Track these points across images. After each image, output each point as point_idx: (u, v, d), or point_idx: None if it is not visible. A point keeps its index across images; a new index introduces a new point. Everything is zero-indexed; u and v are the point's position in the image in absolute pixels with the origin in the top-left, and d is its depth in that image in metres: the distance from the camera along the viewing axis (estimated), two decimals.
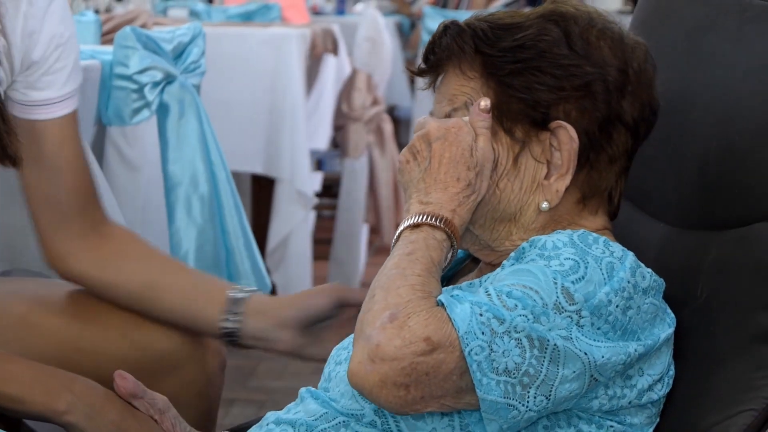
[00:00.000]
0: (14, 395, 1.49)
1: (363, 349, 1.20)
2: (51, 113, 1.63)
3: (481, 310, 1.22)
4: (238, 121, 3.81)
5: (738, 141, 1.45)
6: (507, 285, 1.25)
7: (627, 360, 1.29)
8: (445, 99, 1.43)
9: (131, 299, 1.70)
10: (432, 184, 1.34)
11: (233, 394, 3.44)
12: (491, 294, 1.24)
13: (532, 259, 1.30)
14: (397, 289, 1.24)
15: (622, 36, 1.42)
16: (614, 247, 1.34)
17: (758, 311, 1.39)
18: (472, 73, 1.40)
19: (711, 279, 1.45)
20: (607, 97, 1.40)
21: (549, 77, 1.38)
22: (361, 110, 4.37)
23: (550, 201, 1.40)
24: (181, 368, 1.69)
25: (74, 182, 1.67)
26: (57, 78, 1.62)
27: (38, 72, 1.60)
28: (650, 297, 1.34)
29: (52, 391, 1.50)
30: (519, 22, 1.40)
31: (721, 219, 1.46)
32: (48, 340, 1.66)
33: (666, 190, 1.54)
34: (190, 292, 1.70)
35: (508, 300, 1.23)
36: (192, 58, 2.60)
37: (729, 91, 1.48)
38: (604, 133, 1.40)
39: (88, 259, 1.69)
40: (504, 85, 1.39)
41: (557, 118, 1.38)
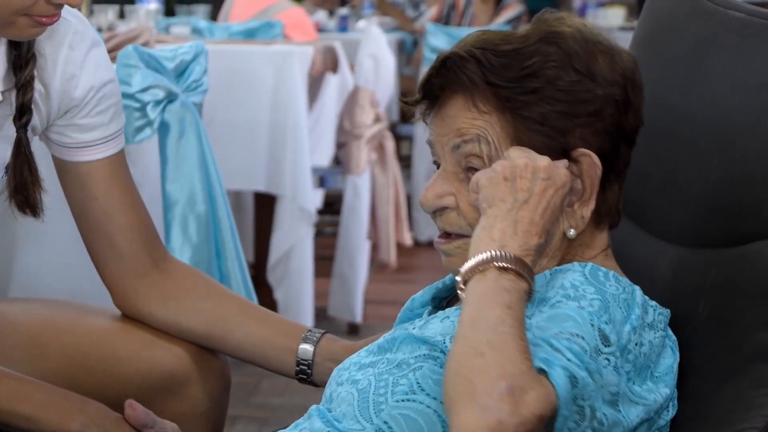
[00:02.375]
0: (28, 415, 1.50)
1: (481, 421, 1.14)
2: (96, 154, 1.63)
3: (570, 374, 1.21)
4: (240, 138, 3.81)
5: (739, 158, 1.45)
6: (555, 335, 1.24)
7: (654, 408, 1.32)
8: (451, 131, 1.41)
9: (199, 337, 1.71)
10: (523, 224, 1.29)
11: (236, 411, 3.44)
12: (560, 349, 1.22)
13: (558, 300, 1.30)
14: (509, 353, 1.17)
15: (612, 47, 1.42)
16: (623, 282, 1.36)
17: (759, 329, 1.39)
18: (486, 107, 1.38)
19: (712, 297, 1.45)
20: (617, 116, 1.41)
21: (563, 105, 1.37)
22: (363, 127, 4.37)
23: (575, 227, 1.41)
24: (186, 388, 1.69)
25: (128, 221, 1.67)
26: (100, 120, 1.62)
27: (80, 114, 1.61)
28: (659, 331, 1.36)
29: (65, 411, 1.51)
30: (520, 48, 1.39)
31: (722, 237, 1.46)
32: (56, 361, 1.66)
33: (666, 208, 1.54)
34: (261, 332, 1.71)
35: (568, 354, 1.23)
36: (194, 76, 2.60)
37: (731, 108, 1.48)
38: (614, 151, 1.42)
39: (154, 298, 1.70)
40: (520, 117, 1.37)
41: (576, 145, 1.38)
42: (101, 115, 1.62)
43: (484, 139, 1.38)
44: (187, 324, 1.69)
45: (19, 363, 1.62)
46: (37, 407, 1.50)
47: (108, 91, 1.63)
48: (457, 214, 1.41)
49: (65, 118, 1.61)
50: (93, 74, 1.60)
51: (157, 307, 1.69)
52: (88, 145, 1.62)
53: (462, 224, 1.41)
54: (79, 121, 1.61)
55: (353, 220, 4.40)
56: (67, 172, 1.64)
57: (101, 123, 1.62)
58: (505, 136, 1.38)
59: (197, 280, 1.74)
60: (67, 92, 1.59)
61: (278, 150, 3.84)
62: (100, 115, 1.62)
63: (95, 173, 1.64)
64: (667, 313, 1.40)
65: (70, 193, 1.66)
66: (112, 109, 1.64)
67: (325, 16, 7.00)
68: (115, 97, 1.66)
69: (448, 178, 1.42)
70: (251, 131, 3.84)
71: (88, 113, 1.61)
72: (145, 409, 1.52)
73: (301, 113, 3.87)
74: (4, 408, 1.50)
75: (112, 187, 1.65)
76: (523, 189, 1.31)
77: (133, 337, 1.75)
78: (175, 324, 1.69)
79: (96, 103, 1.62)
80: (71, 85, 1.58)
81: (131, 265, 1.68)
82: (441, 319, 1.43)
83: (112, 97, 1.64)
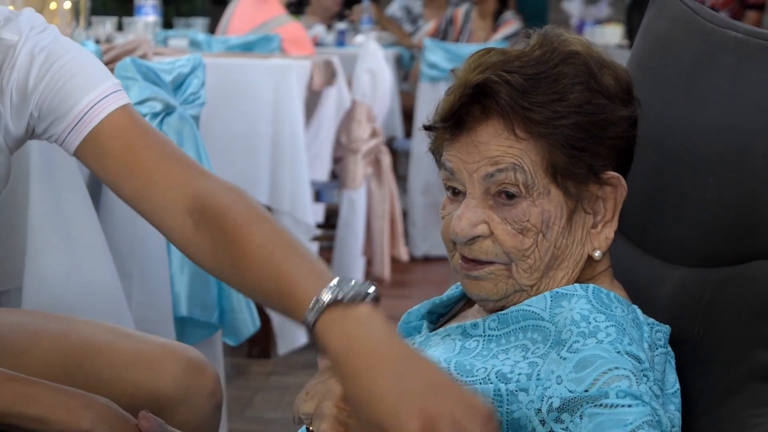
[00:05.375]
0: (37, 416, 1.49)
1: None
2: (94, 119, 1.54)
3: (646, 431, 1.22)
4: (238, 151, 3.81)
5: (735, 178, 1.45)
6: (593, 383, 1.26)
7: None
8: (482, 158, 1.38)
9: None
10: None
11: (230, 425, 3.43)
12: (614, 404, 1.23)
13: (576, 341, 1.31)
14: None
15: (610, 61, 1.43)
16: (623, 302, 1.37)
17: (755, 349, 1.39)
18: (524, 133, 1.37)
19: (708, 316, 1.44)
20: (633, 134, 1.43)
21: (593, 128, 1.38)
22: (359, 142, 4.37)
23: (600, 248, 1.42)
24: (172, 409, 1.68)
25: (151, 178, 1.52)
26: (71, 94, 1.54)
27: (46, 101, 1.54)
28: (660, 348, 1.38)
29: (74, 410, 1.50)
30: (544, 71, 1.38)
31: (719, 256, 1.46)
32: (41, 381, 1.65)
33: (663, 227, 1.54)
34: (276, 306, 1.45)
35: (624, 399, 1.24)
36: (192, 89, 2.61)
37: (728, 128, 1.48)
38: (627, 169, 1.44)
39: (206, 256, 1.49)
40: (554, 142, 1.37)
41: (604, 167, 1.39)
42: (70, 91, 1.54)
43: (520, 168, 1.37)
44: (243, 291, 1.50)
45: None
46: (45, 408, 1.50)
47: (58, 63, 1.55)
48: (492, 242, 1.40)
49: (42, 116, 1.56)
50: (27, 67, 1.53)
51: (216, 272, 1.50)
52: (78, 120, 1.54)
53: (498, 252, 1.40)
54: (53, 108, 1.54)
55: (349, 235, 4.40)
56: (87, 153, 1.56)
57: (72, 96, 1.54)
58: (540, 162, 1.37)
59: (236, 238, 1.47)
60: (22, 97, 1.55)
61: (276, 163, 3.84)
62: (66, 91, 1.54)
63: (103, 135, 1.53)
64: (666, 330, 1.41)
65: (104, 179, 1.57)
66: (77, 78, 1.55)
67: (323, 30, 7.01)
68: (77, 67, 1.56)
69: (478, 205, 1.40)
70: (249, 144, 3.84)
71: (51, 96, 1.54)
72: (158, 420, 1.52)
73: (298, 127, 3.88)
74: (13, 411, 1.49)
75: (128, 142, 1.54)
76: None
77: (118, 355, 1.73)
78: (234, 287, 1.51)
79: (52, 83, 1.54)
80: (21, 88, 1.54)
81: (173, 232, 1.51)
82: (442, 337, 1.44)
83: (70, 68, 1.55)
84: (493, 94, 1.37)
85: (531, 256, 1.39)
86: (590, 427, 1.22)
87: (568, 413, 1.25)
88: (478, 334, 1.40)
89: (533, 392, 1.29)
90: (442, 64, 5.69)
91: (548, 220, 1.38)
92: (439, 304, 1.56)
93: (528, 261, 1.39)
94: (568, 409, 1.25)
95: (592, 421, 1.22)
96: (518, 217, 1.38)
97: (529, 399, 1.29)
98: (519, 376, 1.31)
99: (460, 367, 1.34)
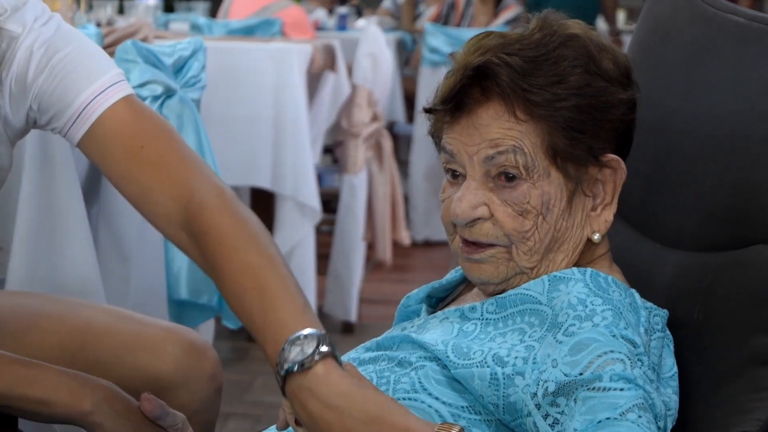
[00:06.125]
0: (39, 398, 1.49)
1: None
2: (94, 112, 1.53)
3: (637, 414, 1.22)
4: (239, 135, 3.80)
5: (735, 164, 1.45)
6: (587, 366, 1.26)
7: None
8: (483, 141, 1.39)
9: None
10: None
11: (230, 409, 3.44)
12: (607, 388, 1.23)
13: (572, 324, 1.31)
14: None
15: (608, 45, 1.44)
16: (621, 286, 1.37)
17: (754, 333, 1.39)
18: (524, 115, 1.37)
19: (707, 301, 1.45)
20: (632, 117, 1.43)
21: (594, 111, 1.38)
22: (360, 126, 4.37)
23: (600, 231, 1.42)
24: (172, 392, 1.68)
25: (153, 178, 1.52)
26: (71, 87, 1.54)
27: (46, 95, 1.54)
28: (657, 332, 1.38)
29: (77, 392, 1.50)
30: (544, 54, 1.39)
31: (718, 241, 1.46)
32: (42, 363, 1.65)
33: (663, 211, 1.54)
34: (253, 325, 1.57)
35: (618, 383, 1.24)
36: (192, 72, 2.60)
37: (729, 113, 1.48)
38: (625, 152, 1.44)
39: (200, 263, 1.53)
40: (554, 124, 1.37)
41: (603, 150, 1.40)
42: (69, 84, 1.54)
43: (520, 150, 1.37)
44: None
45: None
46: (47, 390, 1.50)
47: (57, 57, 1.54)
48: (492, 224, 1.40)
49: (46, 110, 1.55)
50: (25, 61, 1.53)
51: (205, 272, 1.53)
52: (79, 113, 1.53)
53: (498, 234, 1.40)
54: (55, 100, 1.54)
55: (349, 219, 4.39)
56: (89, 149, 1.56)
57: (71, 91, 1.54)
58: (540, 144, 1.37)
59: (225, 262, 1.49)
60: (23, 90, 1.54)
61: (278, 147, 3.83)
62: (67, 84, 1.54)
63: (105, 128, 1.53)
64: (664, 314, 1.41)
65: (106, 177, 1.58)
66: (76, 72, 1.55)
67: (324, 14, 7.00)
68: (77, 59, 1.55)
69: (478, 188, 1.40)
70: (250, 128, 3.83)
71: (51, 89, 1.54)
72: (159, 402, 1.52)
73: (300, 111, 3.87)
74: (15, 393, 1.49)
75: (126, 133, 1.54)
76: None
77: (119, 338, 1.73)
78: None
79: (52, 78, 1.54)
80: (20, 82, 1.54)
81: (173, 239, 1.54)
82: (440, 320, 1.44)
83: (69, 61, 1.55)
84: (494, 76, 1.38)
85: (531, 238, 1.39)
86: (583, 410, 1.22)
87: (563, 397, 1.25)
88: (476, 318, 1.40)
89: (529, 376, 1.29)
90: (443, 48, 5.68)
91: (548, 202, 1.38)
92: (438, 288, 1.56)
93: (528, 243, 1.39)
94: (564, 393, 1.25)
95: (585, 404, 1.23)
96: (518, 199, 1.38)
97: (525, 383, 1.29)
98: (516, 359, 1.31)
99: (458, 349, 1.34)
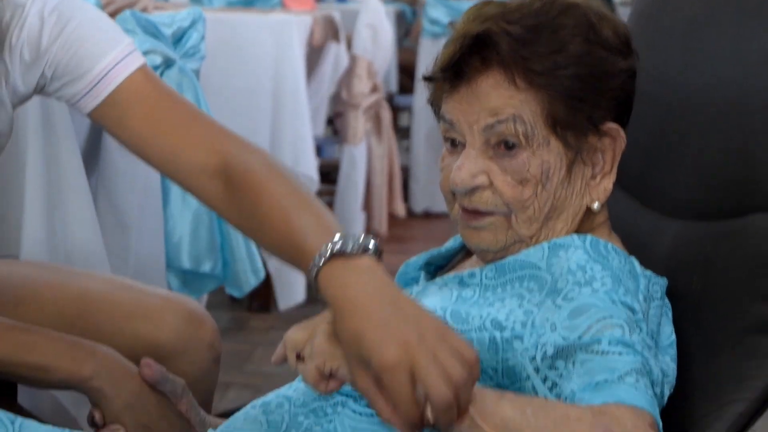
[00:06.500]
0: (38, 364, 1.50)
1: None
2: (112, 82, 1.54)
3: (635, 378, 1.22)
4: (239, 106, 3.80)
5: (735, 134, 1.45)
6: (586, 330, 1.26)
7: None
8: (483, 110, 1.39)
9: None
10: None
11: (229, 379, 3.45)
12: (606, 351, 1.23)
13: (571, 289, 1.31)
14: (570, 420, 1.17)
15: (608, 15, 1.44)
16: (621, 254, 1.37)
17: (752, 302, 1.39)
18: (524, 84, 1.37)
19: (706, 269, 1.45)
20: (632, 86, 1.43)
21: (594, 80, 1.38)
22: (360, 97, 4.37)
23: (599, 199, 1.42)
24: (171, 361, 1.69)
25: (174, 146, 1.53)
26: (87, 56, 1.54)
27: (62, 63, 1.54)
28: (656, 300, 1.38)
29: (77, 357, 1.51)
30: (544, 23, 1.39)
31: (717, 209, 1.46)
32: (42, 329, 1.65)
33: (662, 180, 1.55)
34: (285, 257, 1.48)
35: (616, 347, 1.24)
36: (191, 42, 2.60)
37: (728, 83, 1.48)
38: (625, 121, 1.44)
39: (232, 216, 1.53)
40: (554, 93, 1.37)
41: (603, 118, 1.40)
42: (81, 56, 1.54)
43: (520, 119, 1.37)
44: (263, 247, 1.52)
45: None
46: (47, 356, 1.50)
47: (69, 29, 1.54)
48: (491, 193, 1.40)
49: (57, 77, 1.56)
50: (36, 29, 1.53)
51: (241, 228, 1.52)
52: (92, 86, 1.54)
53: (498, 202, 1.40)
54: (67, 71, 1.55)
55: (349, 190, 4.40)
56: (105, 116, 1.56)
57: (86, 61, 1.54)
58: (540, 113, 1.37)
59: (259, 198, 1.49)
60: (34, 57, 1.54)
61: (277, 119, 3.84)
62: (79, 56, 1.54)
63: (123, 99, 1.55)
64: (663, 282, 1.42)
65: (120, 143, 1.58)
66: (89, 43, 1.55)
67: None
68: (91, 31, 1.56)
69: (478, 156, 1.40)
70: (249, 100, 3.84)
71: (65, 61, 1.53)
72: (160, 367, 1.53)
73: (299, 82, 3.87)
74: (15, 359, 1.50)
75: (144, 107, 1.55)
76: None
77: (117, 306, 1.74)
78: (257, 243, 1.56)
79: (65, 49, 1.54)
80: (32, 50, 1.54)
81: (201, 192, 1.54)
82: (439, 287, 1.44)
83: (83, 32, 1.55)
84: (494, 44, 1.37)
85: (530, 207, 1.39)
86: (580, 372, 1.23)
87: (562, 360, 1.25)
88: (474, 284, 1.40)
89: (528, 340, 1.29)
90: (443, 20, 5.67)
91: (548, 170, 1.38)
92: (437, 256, 1.56)
93: (527, 212, 1.39)
94: (562, 356, 1.25)
95: (583, 366, 1.23)
96: (518, 168, 1.38)
97: (524, 347, 1.29)
98: (514, 323, 1.32)
99: (456, 315, 1.35)
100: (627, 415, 1.16)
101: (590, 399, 1.19)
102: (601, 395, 1.19)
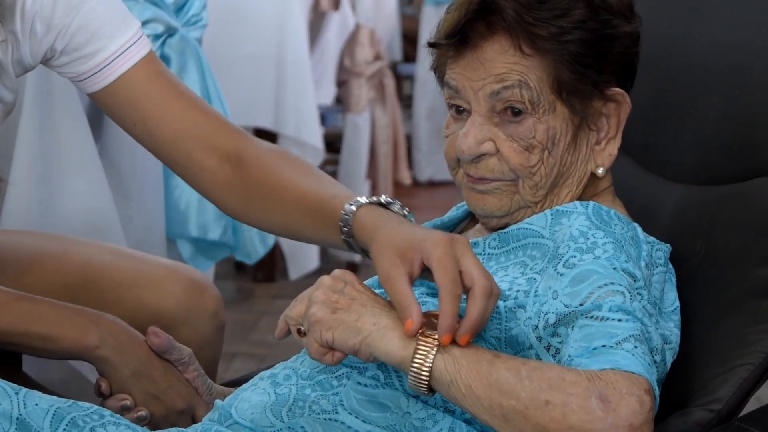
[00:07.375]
0: (44, 334, 1.50)
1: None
2: (119, 68, 1.55)
3: (633, 344, 1.21)
4: (241, 74, 3.79)
5: (738, 96, 1.44)
6: (587, 297, 1.26)
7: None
8: (488, 76, 1.38)
9: (278, 234, 1.64)
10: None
11: (234, 348, 3.46)
12: (605, 317, 1.23)
13: (572, 256, 1.30)
14: (564, 386, 1.16)
15: None
16: (624, 220, 1.36)
17: (757, 266, 1.39)
18: (530, 49, 1.36)
19: (709, 234, 1.45)
20: (636, 50, 1.42)
21: (598, 44, 1.37)
22: (363, 65, 4.35)
23: (603, 165, 1.42)
24: (174, 329, 1.68)
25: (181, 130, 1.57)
26: (99, 38, 1.54)
27: (74, 39, 1.54)
28: (659, 266, 1.37)
29: (82, 327, 1.51)
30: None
31: (720, 174, 1.46)
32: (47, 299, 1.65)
33: (666, 145, 1.54)
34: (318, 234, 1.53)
35: (616, 314, 1.23)
36: (193, 11, 2.59)
37: (731, 46, 1.47)
38: (629, 86, 1.43)
39: (238, 206, 1.58)
40: (559, 58, 1.36)
41: (608, 83, 1.39)
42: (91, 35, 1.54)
43: (526, 85, 1.36)
44: (268, 227, 1.60)
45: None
46: (53, 325, 1.50)
47: (84, 7, 1.54)
48: (497, 160, 1.40)
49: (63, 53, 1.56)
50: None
51: (242, 214, 1.59)
52: (104, 65, 1.55)
53: (504, 169, 1.40)
54: (76, 47, 1.55)
55: (353, 159, 4.39)
56: (109, 99, 1.57)
57: (98, 40, 1.54)
58: (545, 78, 1.36)
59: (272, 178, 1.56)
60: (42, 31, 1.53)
61: (280, 87, 3.83)
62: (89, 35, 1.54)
63: (130, 85, 1.56)
64: (667, 248, 1.41)
65: (123, 125, 1.60)
66: (104, 23, 1.55)
67: None
68: (105, 9, 1.56)
69: (483, 123, 1.39)
70: (252, 68, 3.83)
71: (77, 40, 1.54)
72: (167, 335, 1.53)
73: (302, 50, 3.85)
74: (21, 329, 1.50)
75: (154, 89, 1.57)
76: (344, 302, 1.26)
77: (121, 276, 1.74)
78: (258, 226, 1.62)
79: (77, 26, 1.53)
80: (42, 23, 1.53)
81: (208, 175, 1.57)
82: None
83: (97, 11, 1.55)
84: (499, 9, 1.36)
85: (537, 173, 1.39)
86: (578, 337, 1.23)
87: (564, 327, 1.25)
88: (477, 253, 1.40)
89: (531, 309, 1.29)
90: None
91: (554, 136, 1.38)
92: (440, 225, 1.56)
93: (534, 178, 1.39)
94: (564, 323, 1.25)
95: (582, 331, 1.23)
96: (524, 134, 1.38)
97: (527, 316, 1.29)
98: (517, 293, 1.31)
99: None
100: (622, 381, 1.16)
101: (587, 364, 1.19)
102: (598, 360, 1.19)
